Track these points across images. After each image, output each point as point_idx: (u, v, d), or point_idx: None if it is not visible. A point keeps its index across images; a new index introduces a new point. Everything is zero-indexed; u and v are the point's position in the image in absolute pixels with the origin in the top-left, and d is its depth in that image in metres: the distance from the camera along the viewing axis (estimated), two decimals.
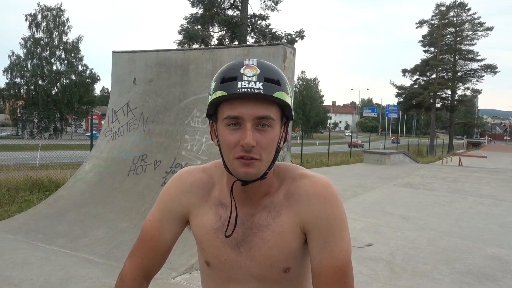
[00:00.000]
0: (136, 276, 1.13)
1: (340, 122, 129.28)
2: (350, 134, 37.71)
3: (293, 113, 1.00)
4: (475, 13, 40.68)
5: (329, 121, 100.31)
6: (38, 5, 39.01)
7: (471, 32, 41.08)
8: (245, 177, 0.94)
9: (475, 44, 41.51)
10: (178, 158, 5.69)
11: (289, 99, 0.95)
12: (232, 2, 22.86)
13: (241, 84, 0.90)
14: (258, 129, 0.92)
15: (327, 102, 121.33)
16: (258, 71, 0.91)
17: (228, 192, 1.04)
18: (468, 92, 43.30)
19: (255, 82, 0.90)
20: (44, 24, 39.00)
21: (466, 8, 40.59)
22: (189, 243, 4.51)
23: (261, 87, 0.90)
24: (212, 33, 22.38)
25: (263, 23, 22.74)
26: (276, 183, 1.05)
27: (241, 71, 0.91)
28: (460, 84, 41.78)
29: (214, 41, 22.16)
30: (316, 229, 0.98)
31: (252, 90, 0.89)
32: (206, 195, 1.09)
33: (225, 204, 1.05)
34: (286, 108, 0.96)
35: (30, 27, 38.62)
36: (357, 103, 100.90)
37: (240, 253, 1.05)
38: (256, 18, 22.62)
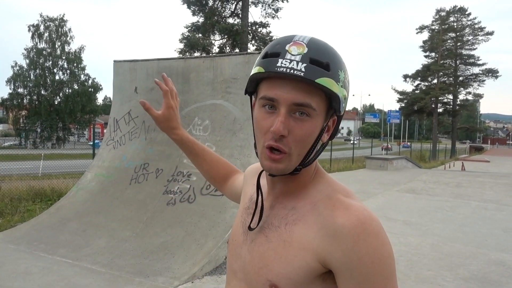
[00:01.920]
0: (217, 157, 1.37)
1: (342, 128, 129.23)
2: (354, 142, 37.34)
3: (342, 106, 0.85)
4: (475, 18, 40.73)
5: None
6: (41, 15, 39.43)
7: (472, 37, 41.09)
8: (270, 171, 0.86)
9: (476, 48, 41.56)
10: (180, 166, 5.70)
11: (338, 89, 0.81)
12: (232, 10, 22.99)
13: (282, 63, 0.79)
14: (295, 117, 0.81)
15: None
16: (305, 50, 0.79)
17: (266, 181, 0.98)
18: (469, 97, 43.23)
19: (297, 62, 0.78)
20: (46, 34, 39.30)
21: (466, 13, 40.67)
22: (191, 251, 4.51)
23: (303, 69, 0.77)
24: (213, 41, 22.47)
25: (264, 30, 22.82)
26: (311, 189, 0.91)
27: (287, 47, 0.80)
28: (462, 88, 41.73)
29: (215, 49, 22.25)
30: (346, 270, 0.78)
31: (292, 71, 0.77)
32: (254, 180, 1.07)
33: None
34: (334, 99, 0.83)
35: (33, 37, 38.92)
36: (359, 109, 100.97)
37: (245, 241, 0.96)
38: (257, 26, 22.70)
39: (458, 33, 40.99)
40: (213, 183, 1.37)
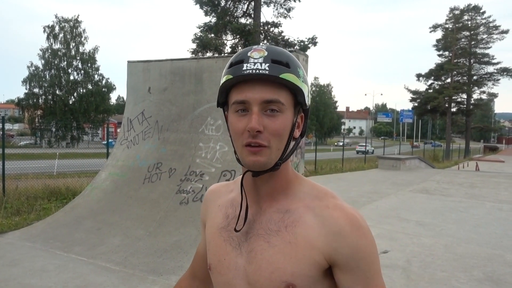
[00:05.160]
0: (187, 275, 1.27)
1: (354, 127, 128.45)
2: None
3: (307, 100, 0.92)
4: (489, 16, 40.14)
5: (343, 126, 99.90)
6: (56, 16, 39.89)
7: (486, 36, 40.48)
8: (253, 167, 0.88)
9: (491, 47, 40.97)
10: (193, 166, 5.74)
11: (300, 83, 0.89)
12: (244, 10, 22.99)
13: (247, 66, 0.86)
14: (267, 114, 0.87)
15: (340, 107, 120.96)
16: (266, 53, 0.87)
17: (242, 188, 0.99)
18: (484, 96, 42.59)
19: (261, 63, 0.86)
20: (61, 35, 39.72)
21: (481, 11, 40.09)
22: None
23: (267, 68, 0.85)
24: (225, 41, 22.51)
25: (276, 30, 22.74)
26: (296, 191, 0.97)
27: (248, 54, 0.88)
28: (476, 88, 41.15)
29: (228, 49, 22.28)
30: (353, 262, 0.88)
31: (257, 71, 0.85)
32: (220, 200, 1.07)
33: (236, 203, 1.01)
34: (298, 93, 0.90)
35: (48, 38, 39.38)
36: (371, 108, 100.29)
37: (241, 254, 0.95)
38: (269, 26, 22.66)
39: (472, 32, 40.42)
40: None
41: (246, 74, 0.86)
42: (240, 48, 22.13)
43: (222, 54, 20.12)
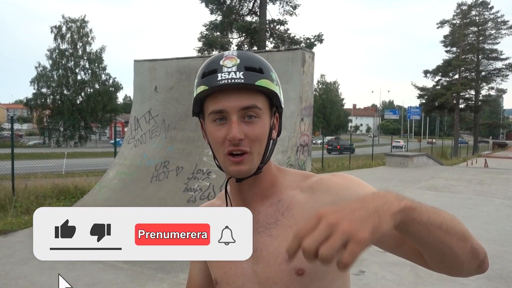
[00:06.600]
0: None
1: (361, 125, 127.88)
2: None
3: (281, 102, 0.95)
4: (498, 11, 39.71)
5: (350, 124, 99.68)
6: (63, 17, 40.19)
7: (494, 31, 40.11)
8: (238, 175, 0.90)
9: (499, 43, 40.45)
10: (200, 164, 5.75)
11: (274, 87, 0.91)
12: (250, 8, 23.00)
13: (221, 76, 0.86)
14: (245, 121, 0.88)
15: (347, 105, 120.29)
16: (238, 61, 0.88)
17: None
18: (492, 92, 42.29)
19: (235, 72, 0.86)
20: (68, 35, 40.03)
21: (489, 6, 39.69)
22: None
23: (242, 77, 0.86)
24: (231, 40, 22.54)
25: (282, 28, 22.72)
26: (282, 181, 0.99)
27: (221, 63, 0.88)
28: (484, 84, 40.80)
29: (233, 47, 22.28)
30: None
31: (233, 80, 0.85)
32: None
33: None
34: (274, 97, 0.92)
35: (55, 38, 39.72)
36: (378, 105, 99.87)
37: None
38: (275, 23, 22.63)
39: (480, 27, 40.04)
40: None
41: (222, 85, 0.86)
42: (246, 46, 22.12)
43: None
